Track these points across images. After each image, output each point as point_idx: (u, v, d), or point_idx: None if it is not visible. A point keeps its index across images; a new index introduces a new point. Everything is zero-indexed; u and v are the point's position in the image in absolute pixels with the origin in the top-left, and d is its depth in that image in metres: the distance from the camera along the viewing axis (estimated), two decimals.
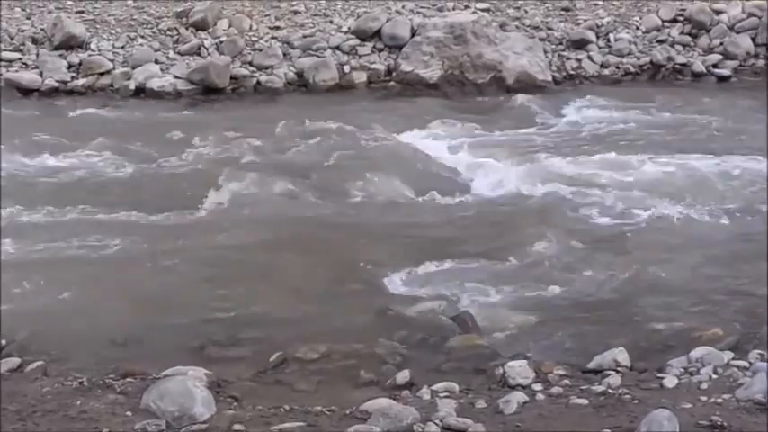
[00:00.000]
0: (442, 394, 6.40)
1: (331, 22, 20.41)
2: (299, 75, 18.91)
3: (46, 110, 17.45)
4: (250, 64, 19.15)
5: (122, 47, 19.51)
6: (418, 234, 10.86)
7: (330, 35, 19.77)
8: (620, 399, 6.07)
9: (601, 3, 21.66)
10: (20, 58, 19.13)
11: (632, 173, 12.93)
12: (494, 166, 13.34)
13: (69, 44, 19.28)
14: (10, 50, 19.23)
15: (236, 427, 5.74)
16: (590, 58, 19.77)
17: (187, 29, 19.96)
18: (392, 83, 18.92)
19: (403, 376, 6.95)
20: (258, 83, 18.78)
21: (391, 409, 5.76)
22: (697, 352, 6.86)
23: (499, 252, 10.09)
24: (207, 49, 19.42)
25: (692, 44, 20.08)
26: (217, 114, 16.68)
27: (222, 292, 9.06)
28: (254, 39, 19.74)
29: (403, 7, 20.85)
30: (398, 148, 14.09)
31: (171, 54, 19.40)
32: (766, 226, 10.66)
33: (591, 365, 6.96)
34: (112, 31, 20.00)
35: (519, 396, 6.18)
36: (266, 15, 20.77)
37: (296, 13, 20.98)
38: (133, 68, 18.83)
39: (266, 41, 19.64)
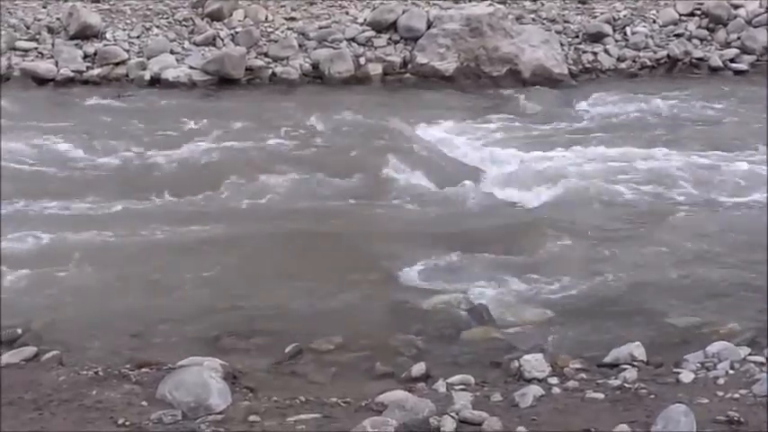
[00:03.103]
0: (457, 387, 6.39)
1: (347, 13, 20.40)
2: (315, 66, 18.93)
3: (61, 99, 17.49)
4: (265, 55, 19.17)
5: (138, 37, 19.55)
6: (433, 227, 10.85)
7: (346, 26, 19.77)
8: (636, 393, 6.05)
9: None
10: (35, 48, 19.20)
11: (648, 167, 12.89)
12: (509, 160, 13.33)
13: (85, 34, 19.32)
14: (26, 40, 19.30)
15: (252, 418, 5.75)
16: (606, 51, 19.73)
17: (203, 19, 19.98)
18: (408, 75, 18.92)
19: (419, 369, 6.94)
20: (273, 74, 18.80)
21: (407, 402, 5.76)
22: (714, 347, 6.83)
23: (515, 245, 10.06)
24: (222, 39, 19.44)
25: (709, 38, 20.04)
26: (232, 105, 16.67)
27: (238, 282, 9.06)
28: (269, 30, 19.75)
29: None
30: (414, 141, 14.06)
31: (186, 44, 19.43)
32: None
33: (607, 360, 6.93)
34: (128, 21, 20.04)
35: (535, 389, 6.16)
36: (282, 6, 20.77)
37: (312, 3, 20.98)
38: (148, 58, 18.87)
39: (282, 32, 19.65)
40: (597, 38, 19.93)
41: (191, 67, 18.64)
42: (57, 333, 7.80)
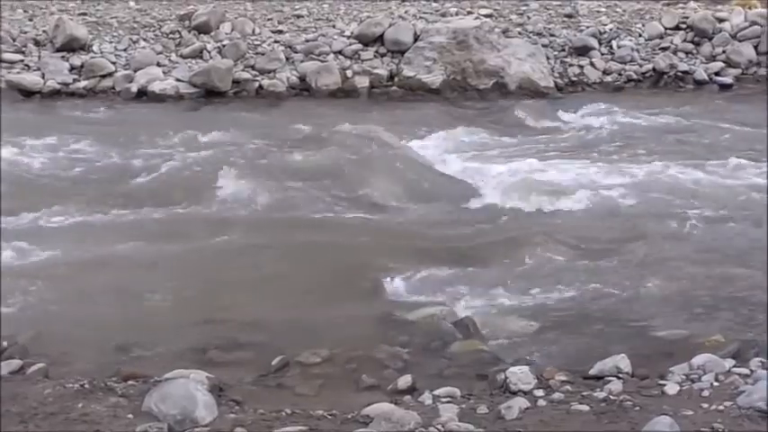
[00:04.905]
0: (443, 399, 6.38)
1: (334, 26, 20.44)
2: (302, 79, 18.95)
3: (47, 111, 17.46)
4: (252, 68, 19.19)
5: (124, 49, 19.56)
6: (420, 239, 10.85)
7: (333, 39, 19.81)
8: (621, 405, 6.05)
9: (604, 9, 21.69)
10: (22, 60, 19.20)
11: (633, 179, 12.94)
12: (495, 172, 13.34)
13: (71, 46, 19.32)
14: (12, 52, 19.28)
15: (238, 430, 5.73)
16: (592, 64, 19.81)
17: (190, 32, 19.99)
18: (394, 88, 18.96)
19: (405, 381, 6.93)
20: (260, 86, 18.82)
21: (393, 414, 5.76)
22: (698, 359, 6.83)
23: (501, 258, 10.09)
24: (209, 52, 19.45)
25: (694, 52, 20.13)
26: (218, 118, 16.66)
27: (224, 295, 9.05)
28: (256, 42, 19.77)
29: (406, 12, 20.88)
30: (400, 153, 14.08)
31: (173, 57, 19.44)
32: (766, 232, 10.65)
33: (592, 372, 6.92)
34: (115, 34, 20.04)
35: (520, 402, 6.15)
36: (269, 19, 20.81)
37: (299, 17, 21.02)
38: (135, 71, 18.87)
39: (269, 45, 19.67)
40: (583, 51, 20.00)
41: (177, 80, 18.66)
42: (42, 346, 7.77)
